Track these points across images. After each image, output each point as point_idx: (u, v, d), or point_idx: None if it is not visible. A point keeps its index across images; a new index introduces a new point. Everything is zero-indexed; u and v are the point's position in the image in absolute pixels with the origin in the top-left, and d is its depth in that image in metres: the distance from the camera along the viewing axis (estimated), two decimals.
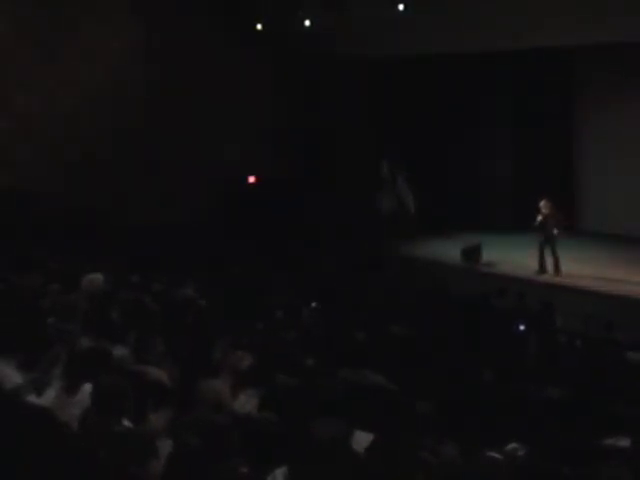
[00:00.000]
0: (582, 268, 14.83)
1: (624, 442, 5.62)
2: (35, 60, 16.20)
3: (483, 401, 6.54)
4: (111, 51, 17.39)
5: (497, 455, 5.11)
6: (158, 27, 17.78)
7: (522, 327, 10.11)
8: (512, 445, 5.36)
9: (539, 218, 14.67)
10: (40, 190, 15.55)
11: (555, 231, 14.60)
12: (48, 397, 5.03)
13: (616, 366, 8.35)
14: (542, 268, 14.81)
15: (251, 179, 19.56)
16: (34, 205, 15.19)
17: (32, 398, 5.06)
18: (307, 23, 17.18)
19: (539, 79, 18.92)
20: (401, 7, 15.70)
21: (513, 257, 16.20)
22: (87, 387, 4.93)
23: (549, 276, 14.75)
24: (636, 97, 17.99)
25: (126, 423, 4.61)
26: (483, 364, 7.89)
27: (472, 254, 16.13)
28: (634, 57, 16.74)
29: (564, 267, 14.76)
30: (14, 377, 5.32)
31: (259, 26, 17.85)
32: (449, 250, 16.58)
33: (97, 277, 8.49)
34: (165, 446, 4.31)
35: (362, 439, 4.69)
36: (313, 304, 10.88)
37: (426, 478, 4.28)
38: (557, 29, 15.05)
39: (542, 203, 14.76)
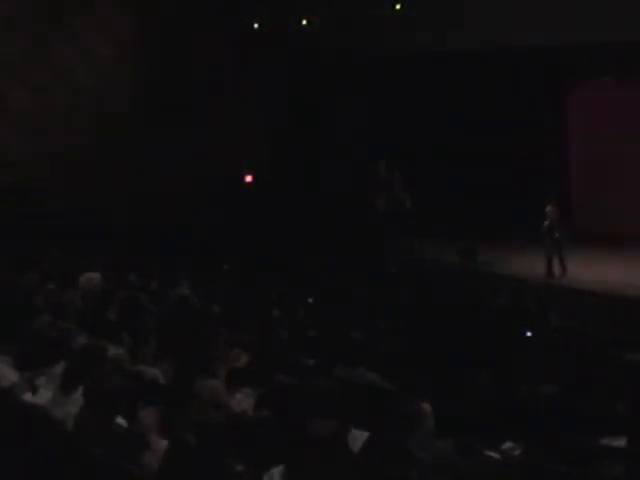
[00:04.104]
0: (581, 268, 14.82)
1: (620, 442, 5.62)
2: (33, 60, 16.18)
3: (480, 400, 6.54)
4: (108, 50, 17.38)
5: (493, 454, 5.12)
6: (155, 26, 17.78)
7: (529, 333, 9.97)
8: (508, 444, 5.36)
9: (546, 223, 14.70)
10: (38, 189, 15.56)
11: (556, 234, 14.64)
12: (44, 395, 5.02)
13: (614, 366, 8.35)
14: (550, 272, 14.80)
15: (248, 178, 19.56)
16: (34, 203, 15.21)
17: (28, 396, 5.06)
18: (304, 22, 17.19)
19: (537, 79, 18.91)
20: (398, 6, 15.71)
21: (509, 257, 16.20)
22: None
23: (548, 277, 14.74)
24: (636, 96, 17.99)
25: (121, 421, 4.60)
26: (480, 363, 7.88)
27: (468, 254, 16.13)
28: (634, 57, 16.73)
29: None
30: (10, 375, 5.32)
31: (256, 25, 17.85)
32: (446, 249, 16.57)
33: (94, 276, 8.49)
34: (161, 445, 4.31)
35: (358, 437, 4.69)
36: (309, 300, 10.88)
37: (420, 476, 4.29)
38: (556, 29, 15.05)
39: (548, 208, 14.81)
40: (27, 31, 16.11)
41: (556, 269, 14.80)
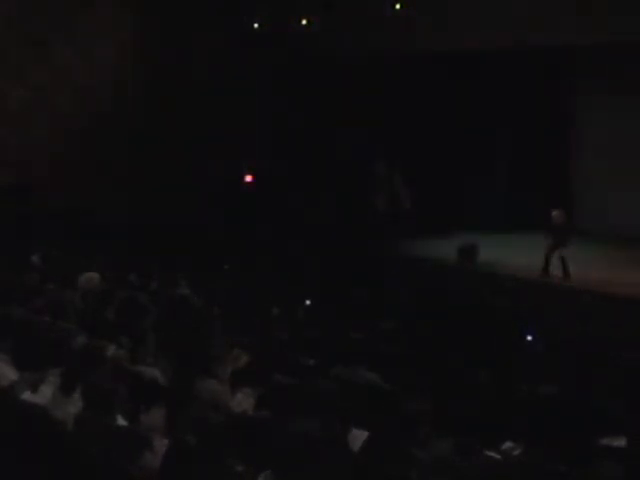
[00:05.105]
0: (581, 268, 14.78)
1: (620, 442, 5.62)
2: (33, 60, 16.19)
3: (480, 400, 6.54)
4: (109, 50, 17.38)
5: (493, 454, 5.12)
6: (155, 26, 17.76)
7: (530, 337, 9.91)
8: (508, 444, 5.36)
9: (550, 227, 14.63)
10: (38, 189, 15.59)
11: (561, 239, 14.57)
12: (43, 395, 5.03)
13: (614, 366, 8.35)
14: (546, 271, 14.76)
15: (248, 178, 19.55)
16: (34, 203, 15.22)
17: (27, 396, 5.06)
18: (304, 22, 17.20)
19: (538, 79, 18.90)
20: (398, 6, 15.70)
21: (510, 257, 16.16)
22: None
23: (543, 276, 14.72)
24: (636, 96, 17.98)
25: (121, 421, 4.61)
26: (480, 363, 7.88)
27: (469, 253, 16.11)
28: (634, 57, 16.73)
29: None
30: (9, 374, 5.33)
31: (256, 25, 17.85)
32: (446, 249, 16.56)
33: (94, 276, 8.50)
34: (161, 445, 4.31)
35: (358, 437, 4.70)
36: (307, 302, 10.87)
37: (420, 475, 4.29)
38: (556, 29, 15.04)
39: (555, 213, 14.72)
40: (27, 31, 16.10)
41: (557, 272, 14.74)
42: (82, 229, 14.66)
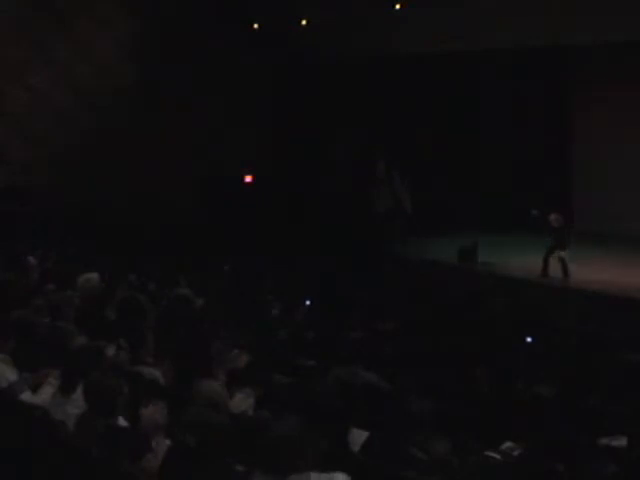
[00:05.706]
0: (581, 268, 14.79)
1: (619, 441, 5.62)
2: (33, 60, 16.20)
3: (479, 400, 6.54)
4: (108, 50, 17.39)
5: (493, 454, 5.11)
6: (155, 26, 17.78)
7: (530, 338, 9.91)
8: (508, 444, 5.36)
9: (548, 231, 14.63)
10: (38, 189, 15.60)
11: (559, 241, 14.57)
12: (43, 395, 5.03)
13: (613, 366, 8.35)
14: (545, 272, 14.75)
15: (248, 178, 19.57)
16: (34, 203, 15.23)
17: (27, 396, 5.06)
18: (304, 22, 17.22)
19: (539, 79, 18.92)
20: (398, 6, 15.72)
21: (510, 258, 16.17)
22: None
23: (543, 277, 14.72)
24: (636, 96, 17.99)
25: (121, 422, 4.61)
26: (479, 363, 7.88)
27: (469, 254, 16.11)
28: (634, 57, 16.74)
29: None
30: (9, 375, 5.33)
31: (256, 25, 17.87)
32: (446, 250, 16.56)
33: (93, 276, 8.50)
34: (162, 445, 4.31)
35: (358, 437, 4.69)
36: (307, 302, 10.87)
37: (419, 475, 4.29)
38: (556, 29, 15.05)
39: (553, 217, 14.70)
40: (27, 31, 16.12)
41: (557, 272, 14.72)
42: (82, 229, 14.66)
